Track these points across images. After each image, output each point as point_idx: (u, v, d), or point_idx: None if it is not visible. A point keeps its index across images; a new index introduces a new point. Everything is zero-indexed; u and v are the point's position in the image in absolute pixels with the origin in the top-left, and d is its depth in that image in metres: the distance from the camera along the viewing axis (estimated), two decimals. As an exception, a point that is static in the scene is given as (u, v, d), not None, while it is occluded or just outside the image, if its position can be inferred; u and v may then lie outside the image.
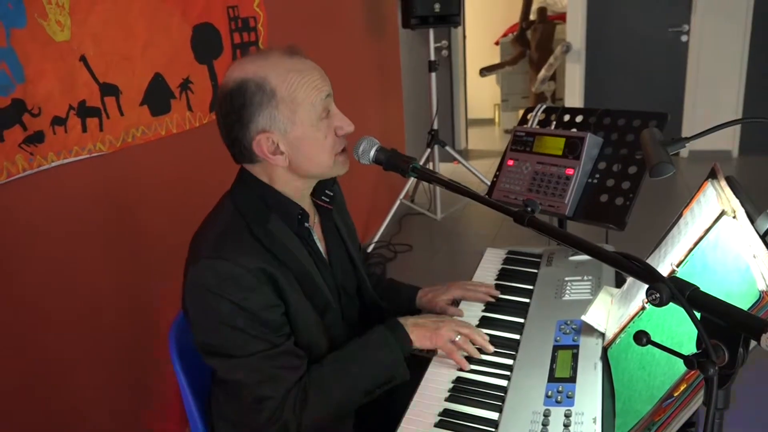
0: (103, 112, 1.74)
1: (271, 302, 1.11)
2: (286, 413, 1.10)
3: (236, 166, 1.23)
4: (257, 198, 1.17)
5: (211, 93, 2.20)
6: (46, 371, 1.60)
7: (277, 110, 1.10)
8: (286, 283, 1.13)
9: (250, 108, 1.09)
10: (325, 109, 1.14)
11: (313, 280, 1.20)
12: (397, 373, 1.19)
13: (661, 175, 1.00)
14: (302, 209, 1.20)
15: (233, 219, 1.15)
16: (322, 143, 1.15)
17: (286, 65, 1.11)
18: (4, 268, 1.48)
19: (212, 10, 2.18)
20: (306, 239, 1.22)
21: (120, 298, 1.85)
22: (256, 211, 1.15)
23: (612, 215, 1.55)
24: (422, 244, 3.98)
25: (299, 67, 1.12)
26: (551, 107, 1.87)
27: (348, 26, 3.53)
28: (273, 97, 1.09)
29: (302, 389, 1.12)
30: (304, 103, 1.11)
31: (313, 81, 1.12)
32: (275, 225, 1.15)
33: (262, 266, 1.09)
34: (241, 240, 1.11)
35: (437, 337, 1.21)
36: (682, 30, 5.32)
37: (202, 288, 1.09)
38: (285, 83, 1.09)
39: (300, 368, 1.15)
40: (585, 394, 1.04)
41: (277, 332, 1.13)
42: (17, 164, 1.49)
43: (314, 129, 1.13)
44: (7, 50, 1.44)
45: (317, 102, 1.12)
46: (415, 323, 1.24)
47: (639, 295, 1.14)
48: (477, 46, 6.98)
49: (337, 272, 1.32)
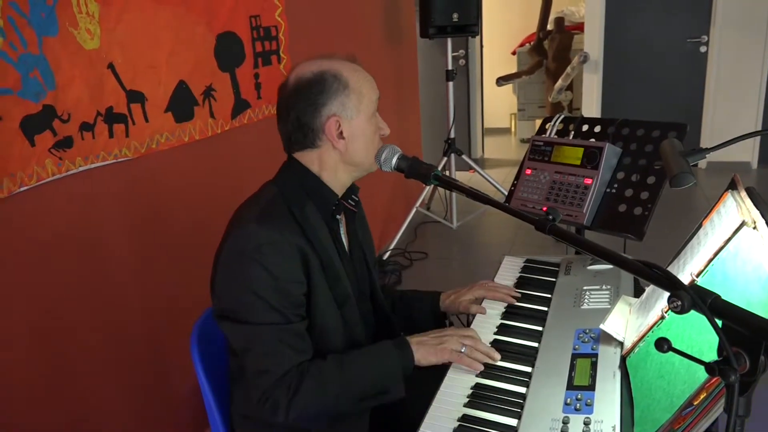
0: (130, 118, 1.78)
1: (298, 278, 1.18)
2: (278, 392, 1.15)
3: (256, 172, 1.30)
4: (298, 185, 1.27)
5: (233, 101, 2.24)
6: (70, 371, 1.63)
7: (348, 98, 1.24)
8: (314, 267, 1.20)
9: (327, 94, 1.23)
10: (376, 109, 1.29)
11: (337, 270, 1.26)
12: (391, 387, 1.22)
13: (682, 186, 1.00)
14: (339, 199, 1.30)
15: (275, 199, 1.25)
16: (371, 138, 1.28)
17: (352, 66, 1.28)
18: (32, 269, 1.52)
19: (236, 19, 2.22)
20: (335, 231, 1.29)
21: (143, 300, 1.88)
22: (296, 196, 1.25)
23: (631, 225, 1.56)
24: (438, 252, 3.98)
25: (362, 69, 1.30)
26: (569, 117, 1.89)
27: (367, 36, 3.56)
28: (346, 87, 1.24)
29: (300, 374, 1.17)
30: (367, 97, 1.26)
31: (372, 81, 1.30)
32: (311, 209, 1.25)
33: (299, 243, 1.18)
34: (282, 216, 1.21)
35: (441, 351, 1.24)
36: (701, 41, 5.30)
37: (239, 252, 1.17)
38: (355, 78, 1.25)
39: (304, 353, 1.19)
40: (604, 402, 1.05)
41: (294, 309, 1.18)
42: (47, 168, 1.53)
43: (369, 123, 1.27)
44: (39, 57, 1.48)
45: (374, 99, 1.28)
46: (419, 341, 1.26)
47: (658, 304, 1.14)
48: (494, 55, 7.00)
49: (356, 271, 1.38)
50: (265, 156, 2.42)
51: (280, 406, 1.15)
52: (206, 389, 1.35)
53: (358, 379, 1.21)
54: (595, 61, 5.58)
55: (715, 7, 5.15)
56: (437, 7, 3.81)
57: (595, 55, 5.56)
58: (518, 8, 7.28)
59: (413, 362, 1.24)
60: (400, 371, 1.22)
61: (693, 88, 5.42)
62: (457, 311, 1.51)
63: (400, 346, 1.25)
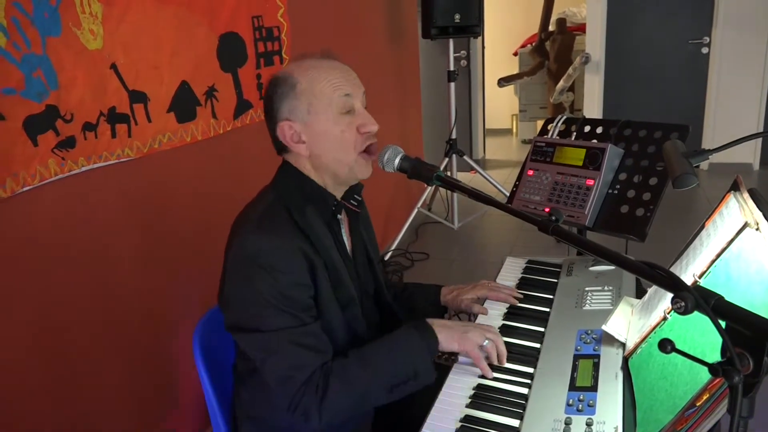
0: (132, 118, 1.78)
1: (304, 281, 1.17)
2: (306, 398, 1.11)
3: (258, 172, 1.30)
4: (296, 188, 1.25)
5: (235, 101, 2.24)
6: (72, 371, 1.63)
7: (297, 101, 1.20)
8: (319, 269, 1.19)
9: (276, 98, 1.22)
10: (346, 106, 1.22)
11: (340, 272, 1.24)
12: (420, 370, 1.17)
13: (685, 186, 1.00)
14: (337, 200, 1.27)
15: (274, 204, 1.22)
16: (339, 137, 1.22)
17: (311, 63, 1.23)
18: (34, 268, 1.52)
19: (238, 19, 2.22)
20: (336, 233, 1.27)
21: (145, 299, 1.89)
22: (294, 200, 1.23)
23: (633, 226, 1.56)
24: (439, 252, 3.99)
25: (324, 65, 1.23)
26: (571, 118, 1.89)
27: (369, 36, 3.57)
28: (293, 89, 1.20)
29: (325, 376, 1.13)
30: (321, 97, 1.20)
31: (332, 78, 1.21)
32: (311, 213, 1.22)
33: (302, 246, 1.16)
34: (282, 221, 1.19)
35: (465, 340, 1.20)
36: (703, 42, 5.30)
37: (242, 260, 1.16)
38: (305, 77, 1.21)
39: (324, 353, 1.16)
40: (606, 403, 1.05)
41: (306, 311, 1.16)
42: (50, 168, 1.53)
43: (332, 123, 1.21)
44: (43, 58, 1.49)
45: (334, 97, 1.20)
46: (444, 324, 1.23)
47: (660, 305, 1.15)
48: (495, 56, 7.01)
49: (360, 272, 1.36)
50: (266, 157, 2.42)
51: (312, 412, 1.11)
52: (208, 389, 1.35)
53: (384, 368, 1.17)
54: (596, 62, 5.58)
55: (717, 8, 5.15)
56: (439, 7, 3.82)
57: (596, 56, 5.57)
58: (520, 9, 7.29)
59: (437, 343, 1.20)
60: (426, 353, 1.18)
61: (694, 89, 5.42)
62: (458, 309, 1.50)
63: (421, 328, 1.21)
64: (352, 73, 1.25)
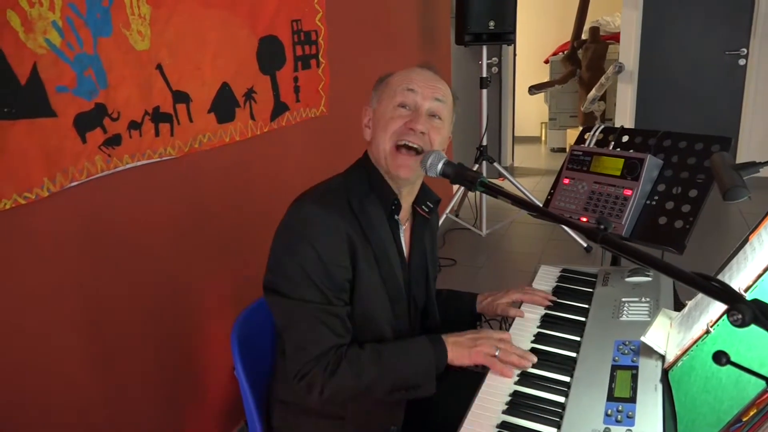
0: (175, 118, 1.82)
1: (343, 262, 1.21)
2: (315, 372, 1.16)
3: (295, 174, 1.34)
4: (365, 177, 1.32)
5: (272, 103, 2.27)
6: (111, 359, 1.67)
7: (378, 91, 1.34)
8: (363, 257, 1.22)
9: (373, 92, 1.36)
10: (406, 99, 1.28)
11: (392, 265, 1.27)
12: (423, 383, 1.22)
13: (736, 199, 1.00)
14: (398, 199, 1.31)
15: (337, 188, 1.28)
16: (385, 122, 1.28)
17: (409, 69, 1.34)
18: (79, 260, 1.56)
19: (277, 23, 2.26)
20: (393, 231, 1.30)
21: (184, 294, 1.92)
22: (358, 186, 1.28)
23: (671, 238, 1.54)
24: (466, 259, 3.98)
25: (413, 68, 1.33)
26: (609, 128, 1.88)
27: (403, 42, 3.59)
28: (381, 82, 1.35)
29: (338, 357, 1.18)
30: (391, 87, 1.30)
31: (408, 75, 1.31)
32: (372, 203, 1.27)
33: (348, 231, 1.21)
34: (339, 205, 1.25)
35: (474, 354, 1.24)
36: (740, 53, 5.21)
37: (292, 225, 1.22)
38: (394, 75, 1.33)
39: (342, 337, 1.21)
40: (646, 414, 1.04)
41: (336, 292, 1.20)
42: (96, 165, 1.57)
43: (388, 109, 1.29)
44: (94, 57, 1.53)
45: (398, 89, 1.29)
46: (455, 341, 1.26)
47: (702, 318, 1.13)
48: (527, 63, 6.98)
49: (413, 278, 1.37)
50: (302, 158, 2.45)
51: (316, 384, 1.17)
52: (243, 381, 1.37)
53: (393, 371, 1.21)
54: (629, 72, 5.52)
55: (756, 19, 5.06)
56: (473, 14, 3.82)
57: (630, 65, 5.51)
58: (553, 17, 7.25)
59: (446, 361, 1.24)
60: (433, 369, 1.23)
61: (730, 101, 5.33)
62: (495, 314, 1.51)
63: (436, 343, 1.25)
64: (432, 79, 1.31)
